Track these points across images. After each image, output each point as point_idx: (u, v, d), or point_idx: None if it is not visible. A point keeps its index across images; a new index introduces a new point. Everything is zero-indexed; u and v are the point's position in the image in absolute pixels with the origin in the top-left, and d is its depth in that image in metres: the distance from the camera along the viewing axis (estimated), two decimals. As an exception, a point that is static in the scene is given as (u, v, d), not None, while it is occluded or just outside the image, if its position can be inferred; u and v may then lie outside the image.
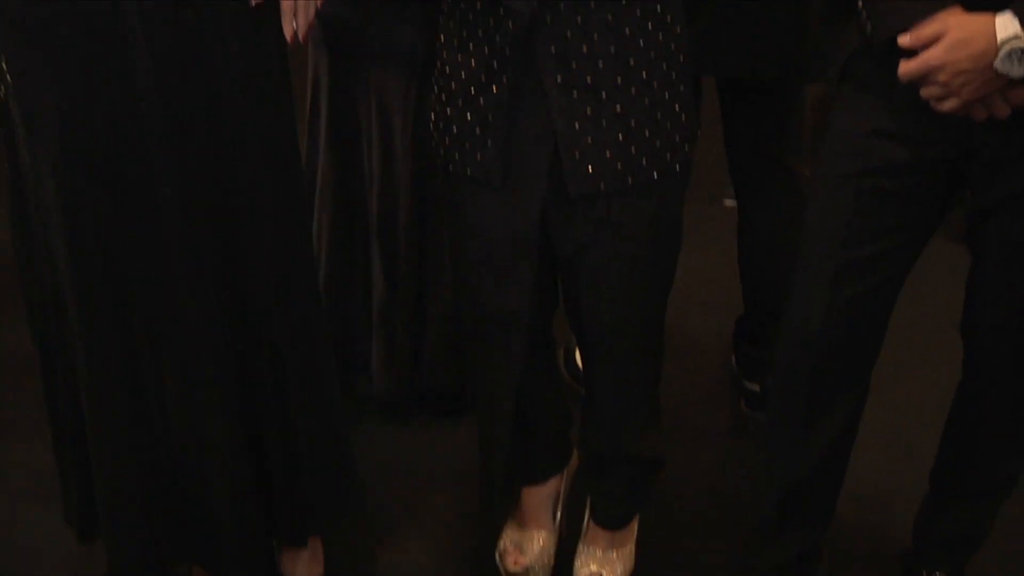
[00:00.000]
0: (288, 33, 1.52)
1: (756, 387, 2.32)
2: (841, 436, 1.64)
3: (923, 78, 1.34)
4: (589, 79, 1.48)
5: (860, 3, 1.43)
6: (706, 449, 2.29)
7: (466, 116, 1.57)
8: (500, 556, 1.97)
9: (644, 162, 1.55)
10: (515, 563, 1.94)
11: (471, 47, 1.51)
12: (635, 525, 1.97)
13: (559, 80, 1.48)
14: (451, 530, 2.10)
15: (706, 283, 2.67)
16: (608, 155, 1.53)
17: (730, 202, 3.07)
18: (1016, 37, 1.29)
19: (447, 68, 1.56)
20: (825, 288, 1.53)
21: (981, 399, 1.66)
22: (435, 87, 1.62)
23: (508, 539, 1.98)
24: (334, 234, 2.17)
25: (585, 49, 1.46)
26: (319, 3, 1.53)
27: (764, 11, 1.89)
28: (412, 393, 2.28)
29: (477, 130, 1.56)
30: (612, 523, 1.92)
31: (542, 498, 1.98)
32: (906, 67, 1.34)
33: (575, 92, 1.49)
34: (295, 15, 1.52)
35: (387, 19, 1.95)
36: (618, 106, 1.51)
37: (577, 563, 1.93)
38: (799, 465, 1.64)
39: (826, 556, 1.83)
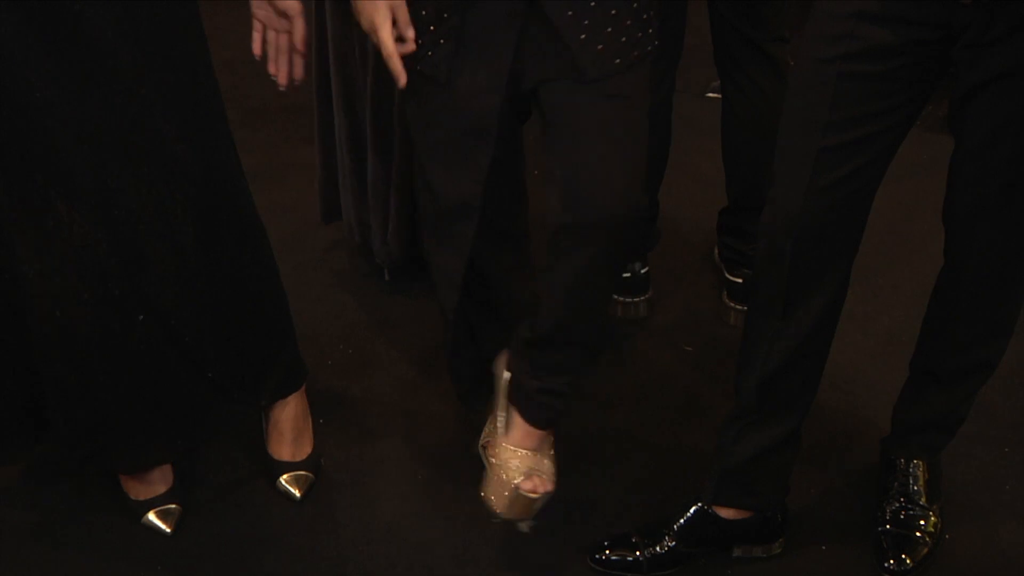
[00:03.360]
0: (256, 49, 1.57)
1: (739, 280, 2.32)
2: (821, 324, 1.65)
3: None
4: None
5: None
6: (689, 341, 2.30)
7: (420, 12, 1.54)
8: (483, 449, 1.99)
9: (639, 35, 1.56)
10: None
11: None
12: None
13: None
14: (438, 419, 2.13)
15: (690, 175, 2.65)
16: (609, 30, 1.53)
17: (713, 94, 3.04)
18: None
19: None
20: (805, 174, 1.51)
21: (961, 284, 1.67)
22: None
23: (491, 432, 1.99)
24: (347, 102, 2.20)
25: None
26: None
27: None
28: (409, 263, 2.34)
29: (432, 26, 1.54)
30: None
31: (524, 392, 2.00)
32: None
33: None
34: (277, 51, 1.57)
35: None
36: None
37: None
38: (778, 352, 1.65)
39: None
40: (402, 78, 1.51)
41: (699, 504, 1.81)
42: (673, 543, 1.80)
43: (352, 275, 2.48)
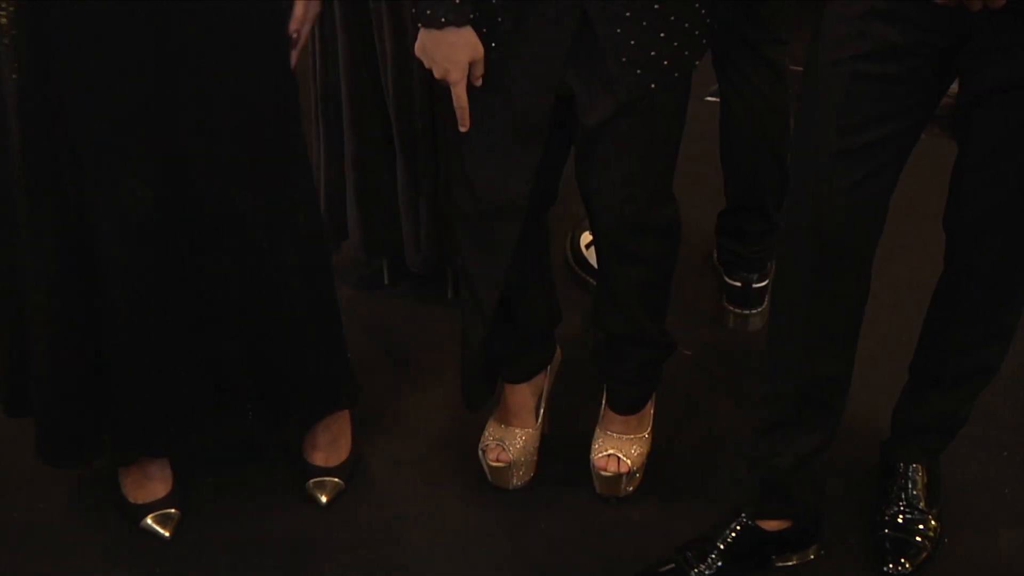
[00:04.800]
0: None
1: (737, 283, 2.32)
2: (847, 323, 1.64)
3: None
4: None
5: None
6: (688, 344, 2.30)
7: (474, 13, 1.54)
8: (483, 452, 1.99)
9: (686, 54, 1.57)
10: (497, 459, 1.96)
11: None
12: (651, 411, 2.00)
13: None
14: (436, 423, 2.13)
15: (689, 178, 2.65)
16: (653, 54, 1.53)
17: (711, 97, 3.03)
18: None
19: None
20: (823, 176, 1.51)
21: (963, 289, 1.66)
22: None
23: (491, 435, 1.99)
24: (355, 115, 2.19)
25: None
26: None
27: None
28: (441, 266, 2.32)
29: (483, 29, 1.54)
30: (626, 407, 1.95)
31: (525, 396, 1.99)
32: None
33: None
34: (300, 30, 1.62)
35: None
36: (656, 4, 1.51)
37: (594, 447, 1.96)
38: (809, 357, 1.64)
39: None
40: (465, 126, 1.57)
41: (742, 519, 1.79)
42: (720, 563, 1.77)
43: (351, 279, 2.47)
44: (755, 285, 2.31)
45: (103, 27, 1.51)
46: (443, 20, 1.47)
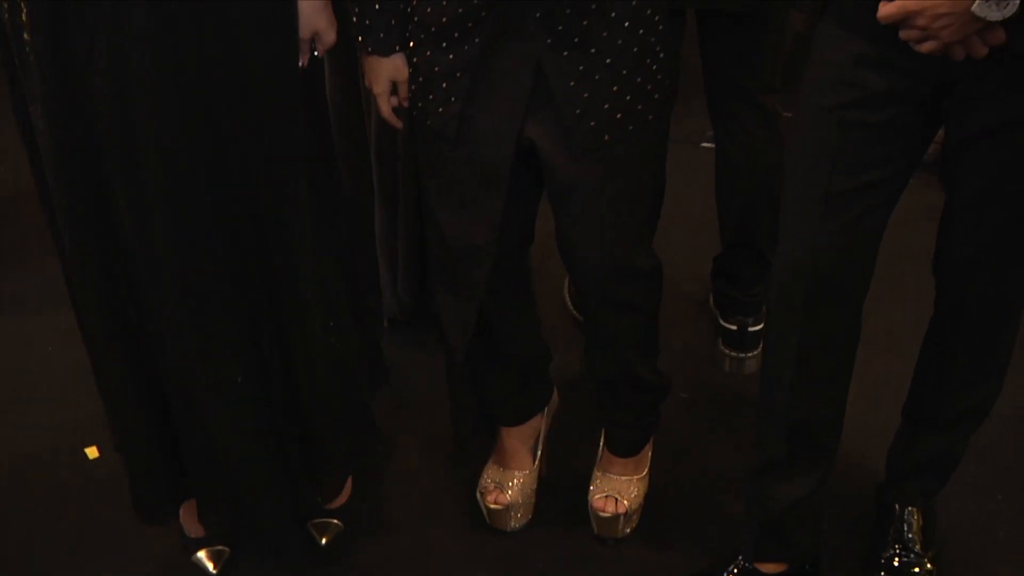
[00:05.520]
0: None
1: (733, 327, 2.34)
2: (838, 367, 1.66)
3: (902, 21, 1.34)
4: (576, 39, 1.51)
5: None
6: (684, 388, 2.31)
7: (433, 68, 1.57)
8: (481, 494, 1.99)
9: (640, 107, 1.59)
10: (495, 502, 1.97)
11: (445, 3, 1.52)
12: (648, 453, 2.01)
13: (549, 42, 1.51)
14: (432, 468, 2.13)
15: (685, 223, 2.67)
16: (606, 107, 1.56)
17: (708, 144, 3.07)
18: None
19: (428, 8, 1.55)
20: (814, 219, 1.52)
21: (954, 333, 1.68)
22: (408, 28, 1.61)
23: (489, 478, 2.00)
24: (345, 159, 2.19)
25: (569, 10, 1.49)
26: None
27: None
28: (419, 312, 2.32)
29: (444, 84, 1.57)
30: (625, 450, 1.97)
31: (522, 438, 2.01)
32: (885, 10, 1.34)
33: (565, 52, 1.52)
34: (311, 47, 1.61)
35: None
36: (608, 59, 1.53)
37: (592, 488, 1.97)
38: (800, 399, 1.65)
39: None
40: (397, 125, 1.69)
41: (740, 562, 1.79)
42: None
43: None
44: (751, 328, 2.33)
45: (117, 33, 1.45)
46: (369, 49, 1.62)
